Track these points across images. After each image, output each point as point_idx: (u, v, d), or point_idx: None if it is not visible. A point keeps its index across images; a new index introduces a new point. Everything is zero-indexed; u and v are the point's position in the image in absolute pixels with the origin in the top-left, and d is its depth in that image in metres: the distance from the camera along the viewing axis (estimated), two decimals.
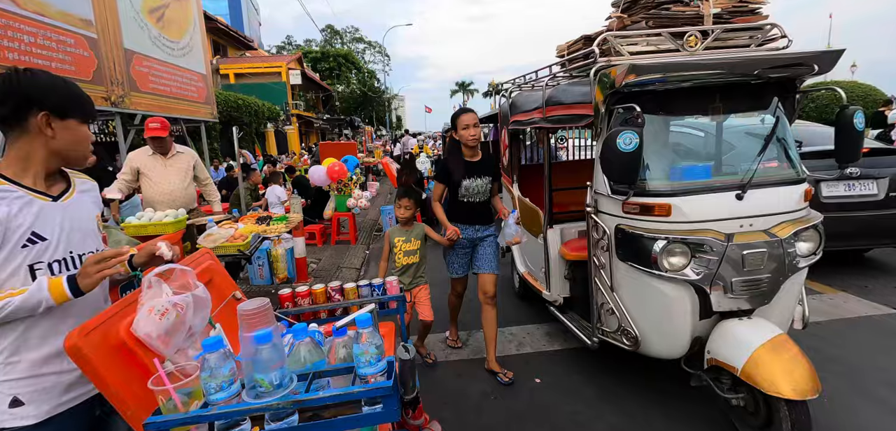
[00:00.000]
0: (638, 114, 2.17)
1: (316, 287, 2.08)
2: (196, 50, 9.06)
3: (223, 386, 1.07)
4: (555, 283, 3.38)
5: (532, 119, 3.41)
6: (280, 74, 23.31)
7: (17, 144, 1.31)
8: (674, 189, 2.36)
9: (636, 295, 2.47)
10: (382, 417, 1.12)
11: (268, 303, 1.10)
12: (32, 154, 1.32)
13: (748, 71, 2.35)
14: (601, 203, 2.60)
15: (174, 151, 3.86)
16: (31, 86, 1.28)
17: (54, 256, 1.33)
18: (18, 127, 1.29)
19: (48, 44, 5.35)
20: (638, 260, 2.36)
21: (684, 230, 2.27)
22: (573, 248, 3.24)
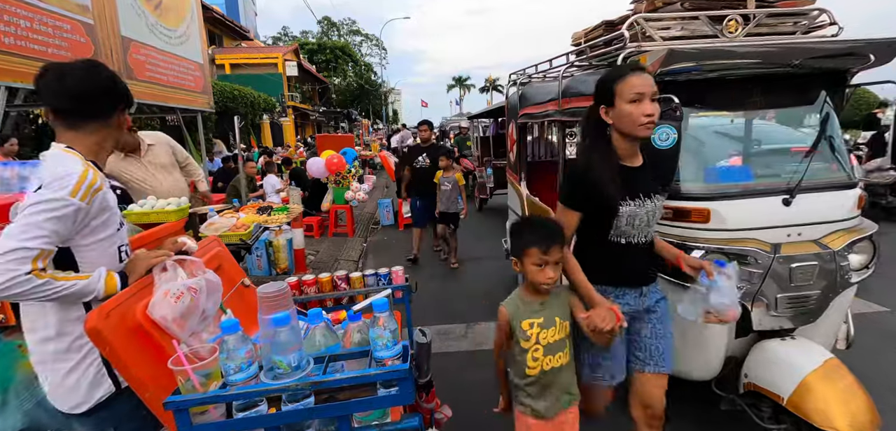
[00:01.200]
0: (676, 106, 1.93)
1: (322, 276, 2.10)
2: (193, 39, 8.97)
3: (242, 368, 1.09)
4: None
5: (546, 112, 3.20)
6: (276, 66, 23.12)
7: (94, 133, 1.37)
8: (712, 192, 2.13)
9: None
10: (397, 399, 1.15)
11: (287, 287, 1.12)
12: (105, 143, 1.42)
13: (803, 60, 2.08)
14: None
15: (147, 145, 3.33)
16: (120, 83, 1.42)
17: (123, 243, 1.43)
18: (103, 119, 1.38)
19: (44, 29, 5.28)
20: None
21: (724, 239, 2.03)
22: None
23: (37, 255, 1.15)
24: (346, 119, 30.30)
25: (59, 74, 1.33)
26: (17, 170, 1.90)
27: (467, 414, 2.78)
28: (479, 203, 8.93)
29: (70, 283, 1.21)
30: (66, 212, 1.21)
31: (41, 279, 1.16)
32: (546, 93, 3.21)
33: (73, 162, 1.28)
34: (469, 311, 4.16)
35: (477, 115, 9.91)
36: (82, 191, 1.24)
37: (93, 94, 1.35)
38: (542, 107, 3.28)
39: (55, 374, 1.30)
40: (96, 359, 1.32)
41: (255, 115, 17.16)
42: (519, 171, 3.91)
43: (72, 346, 1.30)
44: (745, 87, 2.25)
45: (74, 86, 1.33)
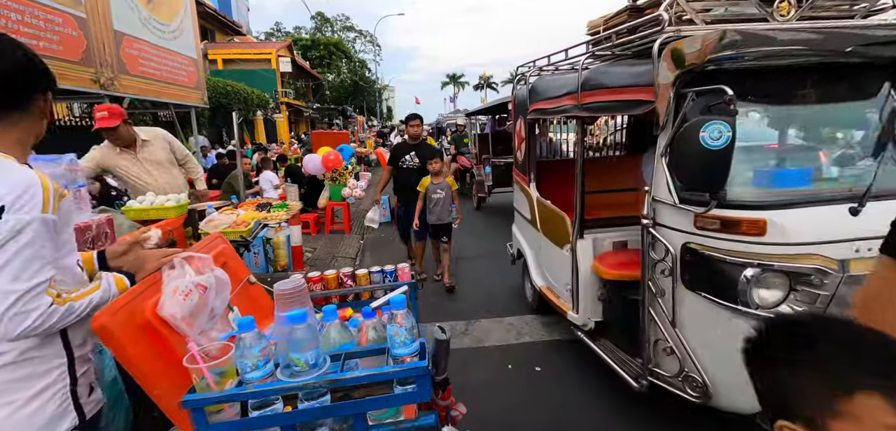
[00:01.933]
0: (730, 99, 1.68)
1: (328, 273, 2.08)
2: (187, 33, 8.86)
3: (258, 366, 1.07)
4: (585, 304, 2.86)
5: (562, 107, 2.92)
6: (269, 61, 22.92)
7: (14, 127, 1.14)
8: (767, 199, 1.88)
9: (708, 334, 1.98)
10: (415, 397, 1.13)
11: (304, 283, 1.10)
12: (27, 139, 1.18)
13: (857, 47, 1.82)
14: (662, 214, 2.10)
15: (141, 140, 3.27)
16: (39, 62, 1.17)
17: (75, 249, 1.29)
18: (22, 107, 1.14)
19: (36, 22, 5.19)
20: (714, 290, 1.89)
21: (783, 254, 1.77)
22: (611, 264, 2.72)
23: (50, 285, 1.07)
24: (340, 115, 30.13)
25: None
26: None
27: (469, 410, 2.79)
28: (477, 202, 8.81)
29: (87, 300, 1.14)
30: (47, 231, 1.07)
31: (63, 305, 1.08)
32: (561, 87, 2.95)
33: (17, 169, 1.07)
34: (469, 309, 4.17)
35: (475, 112, 9.72)
36: (51, 202, 1.08)
37: (6, 76, 1.10)
38: (557, 101, 2.99)
39: (9, 406, 1.07)
40: (63, 387, 1.16)
41: (248, 111, 17.00)
42: (528, 172, 3.60)
43: (35, 372, 1.11)
44: (798, 78, 1.96)
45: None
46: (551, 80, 3.23)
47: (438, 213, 4.49)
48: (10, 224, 1.01)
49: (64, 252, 1.18)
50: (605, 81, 2.49)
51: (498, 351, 3.47)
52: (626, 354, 2.59)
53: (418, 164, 4.65)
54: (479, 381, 3.07)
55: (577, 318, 2.94)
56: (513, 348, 3.50)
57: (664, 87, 1.94)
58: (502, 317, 3.99)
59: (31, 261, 1.03)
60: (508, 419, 2.68)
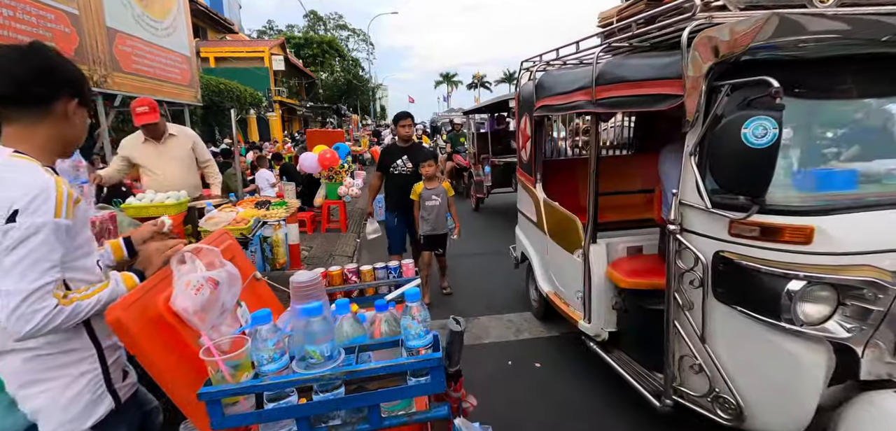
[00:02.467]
0: (775, 91, 1.50)
1: (332, 269, 2.08)
2: (180, 31, 8.80)
3: (274, 358, 1.08)
4: (598, 313, 2.70)
5: (574, 103, 2.72)
6: (262, 59, 22.77)
7: (36, 128, 1.19)
8: (812, 204, 1.70)
9: (743, 351, 1.82)
10: (428, 388, 1.15)
11: (320, 276, 1.11)
12: (53, 143, 1.23)
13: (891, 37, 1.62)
14: (691, 219, 1.92)
15: (168, 134, 3.41)
16: (65, 68, 1.23)
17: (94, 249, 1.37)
18: (42, 109, 1.19)
19: (28, 18, 5.12)
20: (751, 304, 1.72)
21: (831, 265, 1.60)
22: (627, 271, 2.54)
23: (55, 287, 1.10)
24: (334, 114, 30.01)
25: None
26: None
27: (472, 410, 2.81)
28: (475, 202, 8.61)
29: (95, 299, 1.17)
30: (58, 235, 1.11)
31: (69, 305, 1.11)
32: (572, 82, 2.75)
33: (34, 172, 1.12)
34: (468, 307, 4.19)
35: (473, 110, 9.51)
36: (64, 207, 1.12)
37: (23, 80, 1.15)
38: (567, 97, 2.80)
39: (48, 394, 1.17)
40: (96, 375, 1.24)
41: (241, 110, 16.89)
42: (534, 172, 3.40)
43: (67, 361, 1.19)
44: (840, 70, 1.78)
45: (3, 70, 1.15)
46: (560, 75, 3.04)
47: (433, 222, 4.01)
48: (23, 226, 1.05)
49: (79, 253, 1.22)
50: (624, 74, 2.29)
51: (497, 348, 3.49)
52: (644, 368, 2.43)
53: (412, 169, 4.12)
54: (479, 378, 3.08)
55: (589, 328, 2.78)
56: (512, 344, 3.53)
57: (695, 80, 1.76)
58: (501, 314, 4.02)
59: (39, 263, 1.06)
60: (511, 415, 2.71)
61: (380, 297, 1.38)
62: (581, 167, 3.64)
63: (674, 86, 1.91)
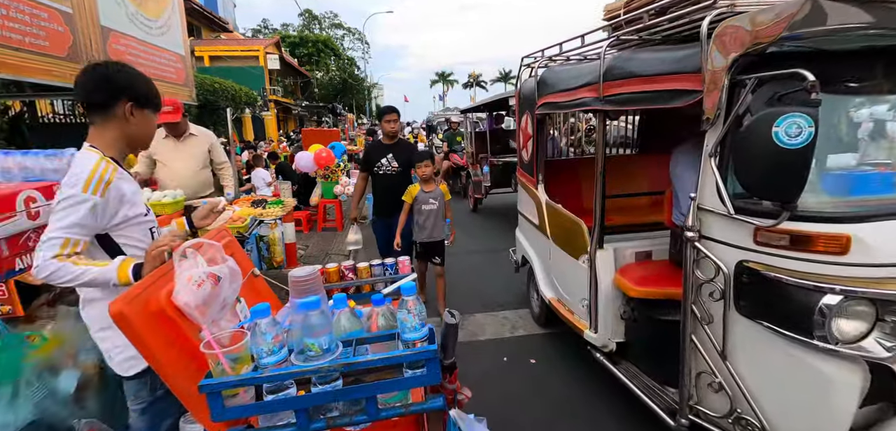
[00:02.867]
0: (811, 85, 1.37)
1: (329, 266, 2.11)
2: (174, 30, 8.75)
3: (274, 351, 1.11)
4: (605, 323, 2.56)
5: (579, 100, 2.59)
6: (257, 58, 22.69)
7: (105, 128, 1.51)
8: (847, 210, 1.57)
9: (768, 370, 1.69)
10: (424, 380, 1.18)
11: (317, 271, 1.14)
12: (118, 142, 1.54)
13: None
14: (710, 225, 1.79)
15: (188, 133, 3.60)
16: (121, 77, 1.53)
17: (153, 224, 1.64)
18: (105, 112, 1.50)
19: (21, 17, 5.09)
20: (779, 319, 1.59)
21: (870, 278, 1.47)
22: (637, 279, 2.40)
23: (62, 244, 1.34)
24: (330, 113, 29.94)
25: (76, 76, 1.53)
26: (19, 159, 1.85)
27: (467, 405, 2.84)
28: (473, 203, 8.43)
29: (83, 268, 1.36)
30: (81, 206, 1.38)
31: (60, 263, 1.34)
32: (577, 78, 2.62)
33: (88, 159, 1.44)
34: (463, 304, 4.22)
35: (471, 109, 9.33)
36: (93, 185, 1.40)
37: (88, 88, 1.49)
38: (572, 94, 2.66)
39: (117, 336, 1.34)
40: None
41: (236, 109, 16.82)
42: (535, 173, 3.26)
43: None
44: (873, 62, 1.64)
45: (79, 83, 1.50)
46: (564, 71, 2.87)
47: (430, 229, 3.68)
48: (60, 196, 1.40)
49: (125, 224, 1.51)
50: (635, 69, 2.15)
51: (493, 345, 3.53)
52: (655, 381, 2.29)
53: (397, 169, 3.80)
54: (475, 374, 3.12)
55: (595, 338, 2.63)
56: (507, 341, 3.57)
57: (716, 74, 1.62)
58: (497, 311, 4.05)
59: (57, 221, 1.37)
60: (506, 410, 2.74)
61: (377, 293, 1.41)
62: (583, 167, 3.56)
63: (691, 80, 1.77)
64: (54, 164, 1.91)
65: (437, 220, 3.68)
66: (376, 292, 1.58)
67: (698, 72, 1.73)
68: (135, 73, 1.58)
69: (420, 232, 3.71)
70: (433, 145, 13.28)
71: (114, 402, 1.85)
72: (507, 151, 8.29)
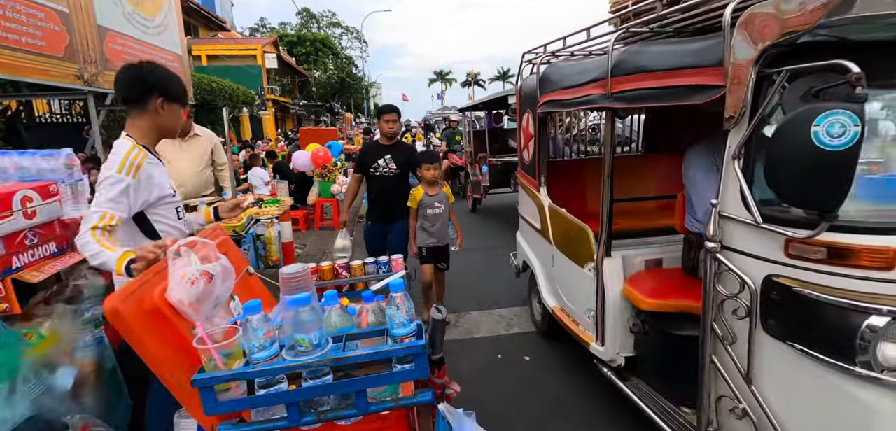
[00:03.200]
0: (856, 77, 1.22)
1: (324, 264, 2.14)
2: (171, 29, 8.77)
3: (265, 347, 1.14)
4: (613, 336, 2.40)
5: (584, 97, 2.43)
6: (255, 57, 22.70)
7: (138, 119, 1.76)
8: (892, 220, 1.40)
9: (800, 397, 1.52)
10: (413, 374, 1.21)
11: (308, 269, 1.17)
12: (150, 132, 1.79)
13: None
14: (734, 236, 1.63)
15: (193, 133, 3.67)
16: (153, 76, 1.76)
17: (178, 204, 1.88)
18: (140, 105, 1.75)
19: (17, 16, 5.11)
20: (813, 341, 1.42)
21: None
22: (648, 290, 2.24)
23: (100, 217, 1.56)
24: (328, 112, 29.95)
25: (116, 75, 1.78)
26: (16, 159, 1.88)
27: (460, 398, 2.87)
28: (472, 203, 8.33)
29: (98, 249, 1.52)
30: (116, 186, 1.61)
31: (90, 237, 1.53)
32: (583, 74, 2.48)
33: (123, 146, 1.68)
34: (459, 302, 4.25)
35: (470, 107, 9.18)
36: (126, 167, 1.64)
37: (125, 84, 1.74)
38: (577, 91, 2.51)
39: None
40: None
41: (234, 108, 16.82)
42: (537, 174, 3.12)
43: None
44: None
45: (118, 79, 1.76)
46: (568, 67, 2.72)
47: (437, 233, 3.51)
48: (101, 176, 1.64)
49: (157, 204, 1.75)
50: (647, 64, 1.99)
51: (488, 342, 3.56)
52: (668, 400, 2.14)
53: (396, 170, 3.56)
54: (469, 371, 3.15)
55: (602, 352, 2.46)
56: (502, 339, 3.60)
57: (741, 67, 1.47)
58: (492, 309, 4.09)
59: (98, 197, 1.60)
60: (499, 406, 2.78)
61: (367, 290, 1.44)
62: (587, 169, 3.46)
63: (711, 75, 1.62)
64: (50, 164, 1.93)
65: (444, 224, 3.55)
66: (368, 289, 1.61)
67: (720, 65, 1.57)
68: (166, 73, 1.81)
69: (427, 237, 3.52)
70: (431, 144, 13.24)
71: (110, 398, 1.87)
72: (506, 151, 8.22)
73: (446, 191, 3.58)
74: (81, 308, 1.84)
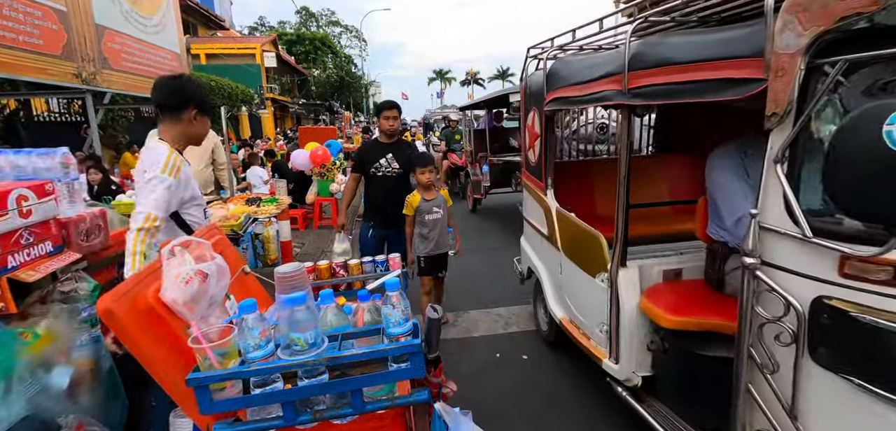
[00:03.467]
0: None
1: (321, 263, 2.14)
2: (169, 28, 8.76)
3: (260, 346, 1.14)
4: (628, 354, 2.20)
5: (598, 93, 2.25)
6: (254, 56, 22.68)
7: (172, 126, 1.93)
8: None
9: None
10: (408, 373, 1.21)
11: (303, 268, 1.16)
12: (181, 138, 1.95)
13: None
14: (775, 249, 1.44)
15: None
16: (190, 89, 1.95)
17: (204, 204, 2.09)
18: (176, 114, 1.91)
19: (15, 15, 5.10)
20: (875, 375, 1.25)
21: None
22: (670, 305, 2.02)
23: (145, 218, 1.71)
24: (327, 111, 29.94)
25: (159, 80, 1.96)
26: (11, 158, 1.87)
27: (458, 397, 2.87)
28: (472, 203, 8.20)
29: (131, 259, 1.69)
30: (161, 186, 1.77)
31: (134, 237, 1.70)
32: (596, 68, 2.29)
33: (162, 149, 1.85)
34: (457, 301, 4.25)
35: (470, 106, 9.03)
36: (169, 168, 1.80)
37: (165, 93, 1.91)
38: (589, 87, 2.32)
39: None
40: None
41: (233, 107, 16.80)
42: (544, 176, 2.95)
43: None
44: None
45: (158, 87, 1.93)
46: (578, 62, 2.54)
47: (436, 240, 3.31)
48: (147, 177, 1.78)
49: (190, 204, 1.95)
50: (671, 56, 1.78)
51: (486, 341, 3.56)
52: (688, 424, 1.98)
53: (398, 170, 3.37)
54: (467, 370, 3.15)
55: (616, 370, 2.27)
56: (501, 338, 3.60)
57: (786, 58, 1.31)
58: (490, 308, 4.09)
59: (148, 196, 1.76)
60: (497, 404, 2.78)
61: (363, 290, 1.44)
62: (595, 170, 3.32)
63: (749, 67, 1.43)
64: (46, 163, 1.93)
65: (443, 230, 3.35)
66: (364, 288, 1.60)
67: (760, 55, 1.38)
68: (201, 87, 2.00)
69: (425, 244, 3.32)
70: (430, 143, 13.16)
71: (107, 398, 1.87)
72: (507, 150, 8.14)
73: (444, 194, 3.40)
74: (78, 307, 1.83)
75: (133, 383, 1.99)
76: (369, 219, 3.49)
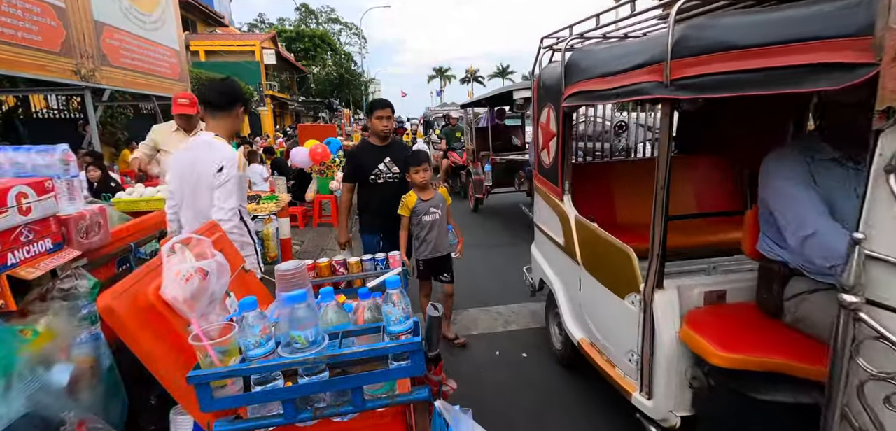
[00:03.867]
0: None
1: (321, 261, 2.14)
2: (169, 24, 8.73)
3: (261, 343, 1.14)
4: (665, 389, 1.87)
5: (632, 86, 1.90)
6: (253, 53, 22.64)
7: (224, 120, 2.22)
8: None
9: None
10: (409, 371, 1.21)
11: (304, 266, 1.16)
12: (228, 127, 2.24)
13: None
14: (888, 286, 1.11)
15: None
16: (238, 89, 2.30)
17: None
18: (227, 111, 2.21)
19: (13, 12, 5.08)
20: None
21: None
22: (719, 338, 1.68)
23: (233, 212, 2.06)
24: (326, 109, 29.91)
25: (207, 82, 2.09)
26: (11, 155, 1.86)
27: (458, 395, 2.87)
28: (474, 203, 8.09)
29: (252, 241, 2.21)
30: (243, 182, 2.14)
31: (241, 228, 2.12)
32: (628, 57, 1.96)
33: (227, 145, 2.14)
34: (457, 300, 4.22)
35: (471, 103, 8.84)
36: (242, 163, 2.12)
37: (217, 92, 2.21)
38: (620, 78, 1.99)
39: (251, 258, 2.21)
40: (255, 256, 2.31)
41: None
42: (560, 180, 2.65)
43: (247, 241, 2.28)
44: None
45: (210, 88, 2.25)
46: (604, 51, 2.26)
47: (436, 242, 3.12)
48: (226, 173, 2.05)
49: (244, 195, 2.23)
50: (732, 39, 1.42)
51: (485, 339, 3.56)
52: None
53: (398, 174, 3.13)
54: (467, 367, 3.16)
55: (648, 407, 1.94)
56: (500, 336, 3.60)
57: None
58: (490, 306, 4.09)
59: (232, 193, 2.07)
60: (496, 402, 2.78)
61: (363, 288, 1.44)
62: (614, 173, 3.07)
63: (851, 49, 1.09)
64: (46, 160, 1.92)
65: (442, 231, 3.15)
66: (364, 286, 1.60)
67: (867, 34, 1.04)
68: (242, 88, 2.39)
69: (423, 247, 3.13)
70: (430, 141, 13.11)
71: (107, 395, 1.87)
72: (509, 148, 8.05)
73: (442, 192, 3.20)
74: (78, 304, 1.83)
75: (133, 380, 1.99)
76: (375, 231, 3.19)
